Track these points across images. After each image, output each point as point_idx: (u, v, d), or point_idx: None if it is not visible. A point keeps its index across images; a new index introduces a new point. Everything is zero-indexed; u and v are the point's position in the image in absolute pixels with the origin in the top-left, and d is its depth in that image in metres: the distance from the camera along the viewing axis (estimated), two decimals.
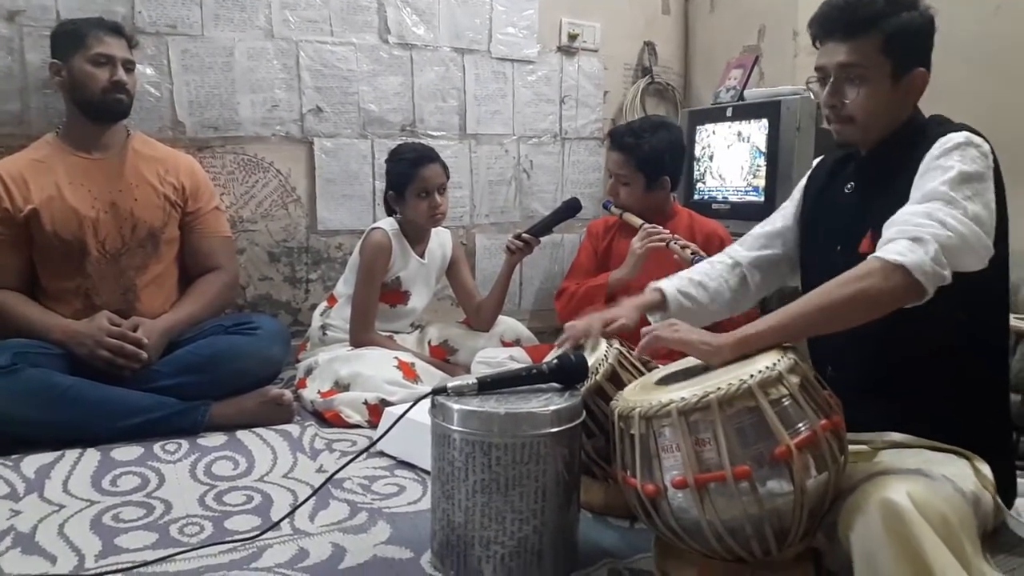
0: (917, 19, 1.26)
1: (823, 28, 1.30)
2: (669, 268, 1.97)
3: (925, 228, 1.09)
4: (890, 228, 1.14)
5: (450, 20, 2.81)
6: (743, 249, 1.55)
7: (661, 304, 1.49)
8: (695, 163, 2.78)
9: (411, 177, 2.27)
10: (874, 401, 1.26)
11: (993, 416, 1.26)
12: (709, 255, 1.93)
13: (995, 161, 1.20)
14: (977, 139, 1.19)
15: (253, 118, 2.53)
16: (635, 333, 1.48)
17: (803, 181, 1.53)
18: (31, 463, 1.70)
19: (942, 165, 1.16)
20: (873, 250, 1.14)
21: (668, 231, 2.11)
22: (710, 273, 1.53)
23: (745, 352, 1.15)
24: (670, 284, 1.51)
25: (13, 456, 1.73)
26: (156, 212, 2.13)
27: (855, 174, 1.37)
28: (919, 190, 1.17)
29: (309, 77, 2.60)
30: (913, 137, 1.27)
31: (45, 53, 2.11)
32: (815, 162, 1.53)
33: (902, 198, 1.19)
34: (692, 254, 1.95)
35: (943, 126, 1.26)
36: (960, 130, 1.21)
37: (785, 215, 1.52)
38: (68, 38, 2.03)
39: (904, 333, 1.18)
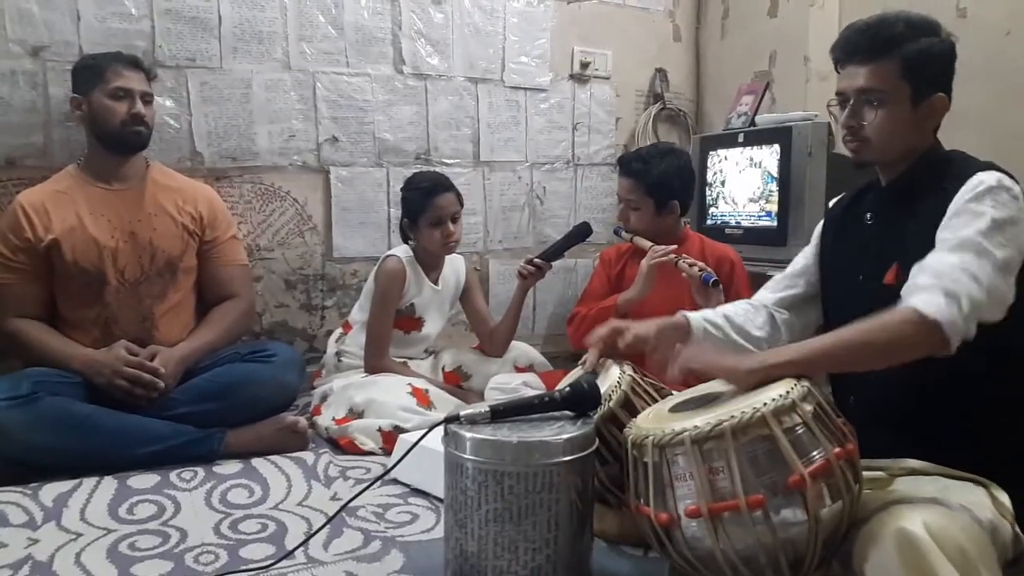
0: (937, 45, 1.27)
1: (844, 52, 1.32)
2: (679, 289, 1.98)
3: (961, 284, 1.10)
4: (921, 274, 1.14)
5: (464, 50, 2.85)
6: (767, 292, 1.55)
7: (685, 327, 1.48)
8: (707, 188, 2.79)
9: (425, 206, 2.30)
10: (895, 429, 1.25)
11: (1014, 445, 1.25)
12: (718, 276, 1.94)
13: None
14: (1008, 181, 1.19)
15: (270, 148, 2.57)
16: (648, 359, 1.48)
17: (821, 222, 1.53)
18: (49, 492, 1.72)
19: (973, 210, 1.16)
20: (897, 282, 1.14)
21: (676, 250, 2.12)
22: (736, 310, 1.52)
23: (769, 379, 1.14)
24: (695, 313, 1.50)
25: (32, 484, 1.74)
26: (174, 241, 2.16)
27: (875, 204, 1.38)
28: (950, 231, 1.17)
29: (325, 107, 2.64)
30: (933, 169, 1.27)
31: (68, 87, 2.16)
32: (832, 202, 1.54)
33: (924, 228, 1.19)
34: (700, 271, 1.96)
35: (968, 162, 1.26)
36: (987, 168, 1.21)
37: (806, 255, 1.53)
38: (88, 73, 2.08)
39: (928, 363, 1.18)
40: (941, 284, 1.10)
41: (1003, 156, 1.28)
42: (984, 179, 1.18)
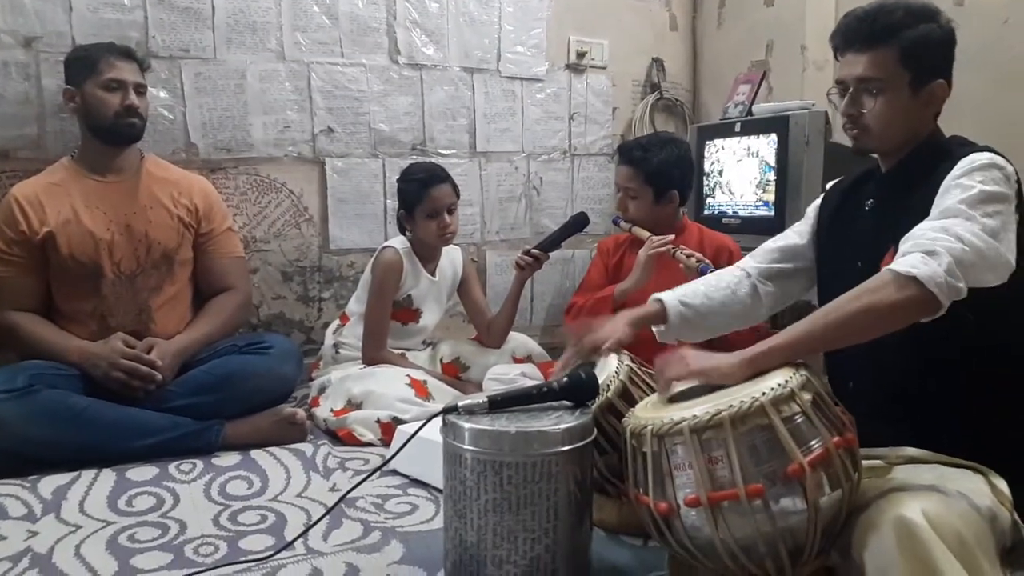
0: (936, 31, 1.27)
1: (844, 39, 1.32)
2: (677, 279, 1.97)
3: (939, 242, 1.09)
4: (906, 243, 1.14)
5: (459, 40, 2.84)
6: (754, 261, 1.55)
7: (661, 315, 1.48)
8: (705, 178, 2.78)
9: (420, 198, 2.29)
10: (894, 416, 1.25)
11: (1013, 432, 1.25)
12: (717, 266, 1.93)
13: (1019, 183, 1.20)
14: (1001, 161, 1.19)
15: (265, 139, 2.56)
16: (644, 347, 1.48)
17: (818, 201, 1.53)
18: (48, 484, 1.71)
19: (963, 184, 1.16)
20: None
21: (674, 241, 2.12)
22: (718, 284, 1.53)
23: (759, 368, 1.14)
24: (671, 295, 1.50)
25: (30, 477, 1.74)
26: (170, 234, 2.15)
27: (875, 191, 1.38)
28: (937, 207, 1.17)
29: (320, 98, 2.62)
30: (934, 155, 1.27)
31: (61, 79, 2.14)
32: (830, 184, 1.54)
33: (922, 215, 1.18)
34: (697, 262, 1.96)
35: (966, 147, 1.26)
36: (984, 151, 1.21)
37: (801, 232, 1.52)
38: (80, 64, 2.07)
39: (925, 348, 1.18)
40: (919, 244, 1.10)
41: (1000, 144, 1.28)
42: (976, 158, 1.19)
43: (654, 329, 1.52)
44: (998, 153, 1.22)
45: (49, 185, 2.06)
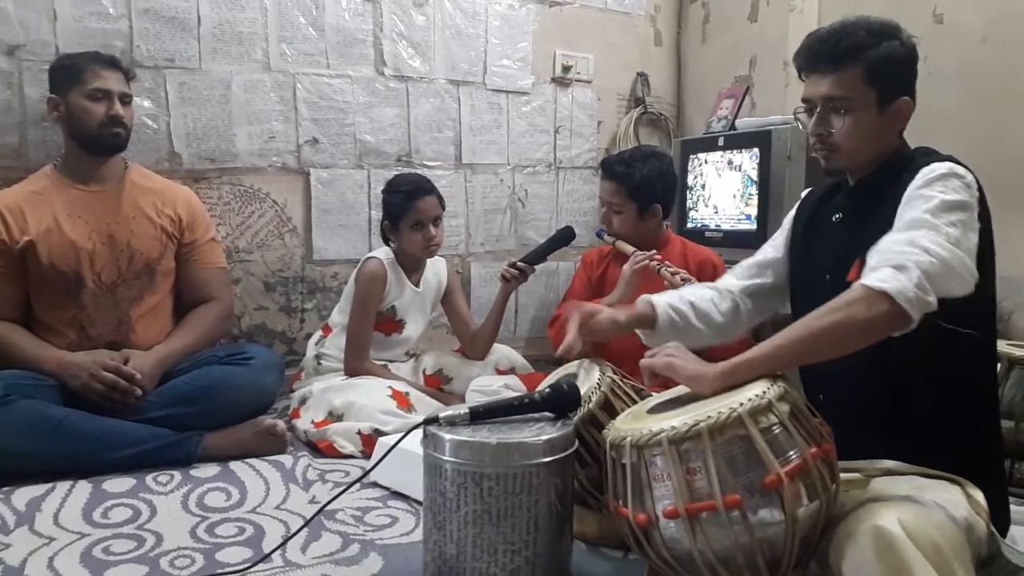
0: (899, 49, 1.28)
1: (807, 60, 1.33)
2: None
3: (908, 255, 1.09)
4: (873, 256, 1.14)
5: (445, 53, 2.85)
6: (734, 278, 1.56)
7: (651, 317, 1.49)
8: (688, 192, 2.80)
9: (406, 209, 2.29)
10: (865, 429, 1.26)
11: (983, 443, 1.26)
12: (701, 281, 1.94)
13: (980, 191, 1.22)
14: (960, 169, 1.21)
15: (250, 149, 2.55)
16: (629, 362, 1.49)
17: (792, 212, 1.54)
18: (22, 495, 1.69)
19: (924, 194, 1.17)
20: (860, 277, 1.15)
21: (659, 257, 2.13)
22: (701, 296, 1.53)
23: (732, 382, 1.15)
24: (661, 299, 1.51)
25: (4, 488, 1.71)
26: (153, 244, 2.13)
27: (843, 204, 1.39)
28: (901, 219, 1.18)
29: (306, 109, 2.62)
30: (900, 168, 1.28)
31: (44, 87, 2.13)
32: (804, 193, 1.55)
33: (885, 223, 1.20)
34: (682, 280, 1.96)
35: (928, 156, 1.27)
36: (944, 160, 1.23)
37: (776, 245, 1.54)
38: (65, 73, 2.05)
39: (894, 361, 1.19)
40: (888, 259, 1.11)
41: (977, 161, 1.29)
42: (935, 168, 1.20)
43: (640, 333, 1.52)
44: (959, 163, 1.23)
45: (31, 194, 2.04)
